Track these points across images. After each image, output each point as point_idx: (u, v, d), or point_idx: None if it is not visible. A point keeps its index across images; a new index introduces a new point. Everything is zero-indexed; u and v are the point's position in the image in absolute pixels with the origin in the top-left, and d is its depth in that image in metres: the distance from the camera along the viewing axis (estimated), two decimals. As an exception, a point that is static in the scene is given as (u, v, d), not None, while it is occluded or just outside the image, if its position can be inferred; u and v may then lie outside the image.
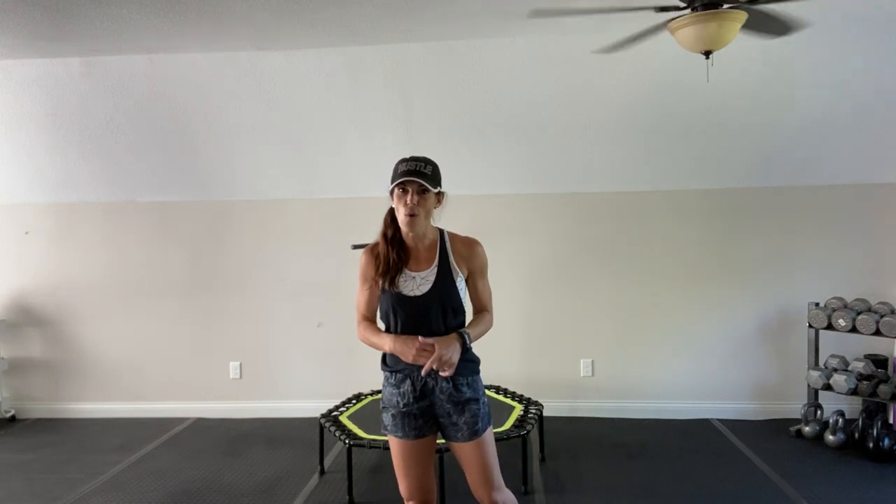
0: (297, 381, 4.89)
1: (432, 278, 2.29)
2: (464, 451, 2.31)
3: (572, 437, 4.34)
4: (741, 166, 4.44)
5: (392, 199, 2.28)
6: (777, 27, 3.30)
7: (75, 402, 4.99)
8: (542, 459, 3.96)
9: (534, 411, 3.76)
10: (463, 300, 2.35)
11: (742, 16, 2.86)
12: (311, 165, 4.59)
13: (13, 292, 4.99)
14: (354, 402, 4.03)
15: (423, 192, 2.23)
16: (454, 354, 2.20)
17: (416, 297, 2.27)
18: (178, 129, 4.38)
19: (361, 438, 3.44)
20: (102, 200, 4.87)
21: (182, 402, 4.93)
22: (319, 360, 4.86)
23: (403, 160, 2.28)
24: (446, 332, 2.27)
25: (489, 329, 2.39)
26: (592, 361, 4.74)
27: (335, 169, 4.61)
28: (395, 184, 2.24)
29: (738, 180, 4.53)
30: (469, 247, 2.36)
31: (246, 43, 3.77)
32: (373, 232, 4.86)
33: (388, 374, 2.37)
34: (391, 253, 2.28)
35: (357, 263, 2.38)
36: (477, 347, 2.40)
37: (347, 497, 3.48)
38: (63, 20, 3.29)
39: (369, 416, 3.77)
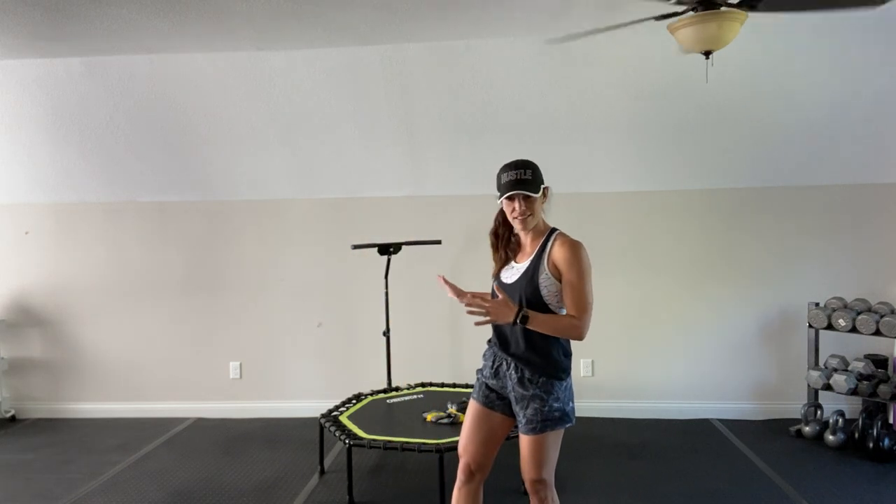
0: (297, 381, 4.89)
1: (523, 270, 2.41)
2: (521, 439, 2.43)
3: (572, 437, 4.33)
4: (741, 166, 4.44)
5: (502, 204, 2.45)
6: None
7: (75, 402, 4.99)
8: (542, 459, 3.95)
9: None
10: (546, 297, 2.36)
11: (742, 16, 2.86)
12: (311, 165, 4.60)
13: (13, 292, 4.99)
14: (354, 402, 4.02)
15: (528, 197, 2.37)
16: (497, 314, 2.28)
17: (507, 284, 2.44)
18: (179, 129, 4.38)
19: (361, 438, 3.43)
20: (102, 200, 4.87)
21: (182, 402, 4.93)
22: (319, 360, 4.86)
23: (505, 169, 2.41)
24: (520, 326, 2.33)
25: (566, 333, 2.34)
26: (592, 361, 4.74)
27: (335, 169, 4.61)
28: (501, 196, 2.40)
29: (738, 180, 4.53)
30: (564, 248, 2.36)
31: (246, 43, 3.77)
32: (372, 231, 4.86)
33: (488, 345, 2.55)
34: (500, 251, 2.52)
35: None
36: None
37: (347, 497, 3.48)
38: (63, 20, 3.30)
39: (369, 416, 3.77)
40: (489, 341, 2.56)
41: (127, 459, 4.13)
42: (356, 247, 4.14)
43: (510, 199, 2.39)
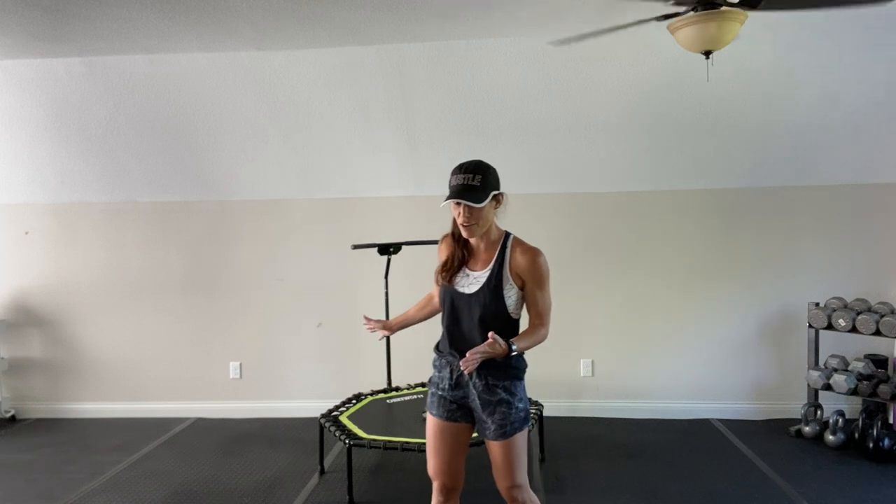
0: (297, 381, 4.89)
1: (483, 280, 2.34)
2: (491, 448, 2.38)
3: (572, 437, 4.34)
4: (741, 166, 4.44)
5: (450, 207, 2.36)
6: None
7: (75, 402, 4.99)
8: (542, 459, 3.96)
9: (534, 411, 3.76)
10: (511, 308, 2.34)
11: (742, 15, 2.86)
12: (311, 165, 4.60)
13: (13, 292, 4.99)
14: (354, 402, 4.03)
15: (472, 207, 2.26)
16: (489, 356, 2.19)
17: (464, 294, 2.36)
18: (178, 129, 4.38)
19: (361, 438, 3.44)
20: (102, 200, 4.87)
21: (182, 402, 4.93)
22: (319, 360, 4.86)
23: (456, 171, 2.32)
24: (482, 334, 2.27)
25: (539, 342, 2.36)
26: (592, 361, 4.74)
27: (335, 169, 4.61)
28: (447, 200, 2.28)
29: (738, 180, 4.53)
30: (527, 256, 2.34)
31: (246, 43, 3.77)
32: (372, 231, 4.84)
33: (436, 356, 2.47)
34: (458, 251, 2.41)
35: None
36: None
37: (347, 497, 3.48)
38: (63, 20, 3.29)
39: (369, 416, 3.77)
40: (438, 350, 2.47)
41: (127, 459, 4.13)
42: (356, 247, 4.14)
43: (457, 202, 2.29)
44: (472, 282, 2.36)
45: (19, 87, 4.16)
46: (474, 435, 2.47)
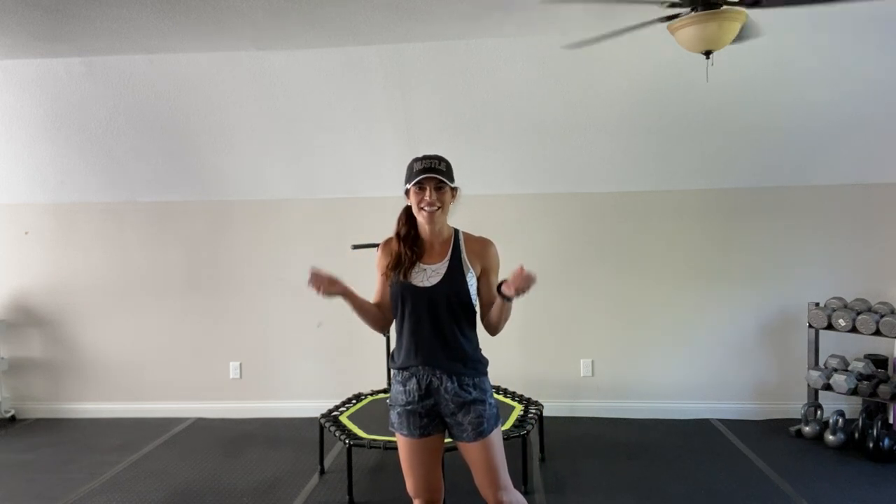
0: (297, 381, 4.89)
1: (443, 271, 2.32)
2: (469, 451, 2.32)
3: (572, 437, 4.34)
4: (741, 166, 4.44)
5: (408, 197, 2.35)
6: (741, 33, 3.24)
7: (75, 402, 4.99)
8: (542, 459, 3.96)
9: (534, 411, 3.76)
10: (473, 296, 2.35)
11: (742, 15, 2.86)
12: (311, 165, 4.60)
13: (13, 292, 4.99)
14: (354, 402, 4.03)
15: (440, 188, 2.30)
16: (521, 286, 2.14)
17: (424, 288, 2.31)
18: (179, 129, 4.38)
19: (361, 438, 3.44)
20: (102, 200, 4.87)
21: (182, 402, 4.93)
22: (319, 360, 4.86)
23: (417, 159, 2.34)
24: (454, 324, 2.29)
25: (508, 319, 2.34)
26: (592, 361, 4.74)
27: (335, 169, 4.61)
28: (412, 182, 2.30)
29: (738, 180, 4.53)
30: (483, 245, 2.40)
31: (246, 43, 3.77)
32: (372, 231, 4.85)
33: (395, 371, 2.40)
34: (404, 249, 2.34)
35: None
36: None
37: (347, 497, 3.48)
38: (63, 20, 3.30)
39: (369, 416, 3.77)
40: (396, 365, 2.37)
41: (127, 459, 4.13)
42: (356, 247, 4.13)
43: (421, 187, 2.29)
44: (430, 274, 2.32)
45: (19, 87, 4.16)
46: (448, 440, 2.41)
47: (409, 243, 2.35)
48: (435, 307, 2.30)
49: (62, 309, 4.97)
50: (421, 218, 2.32)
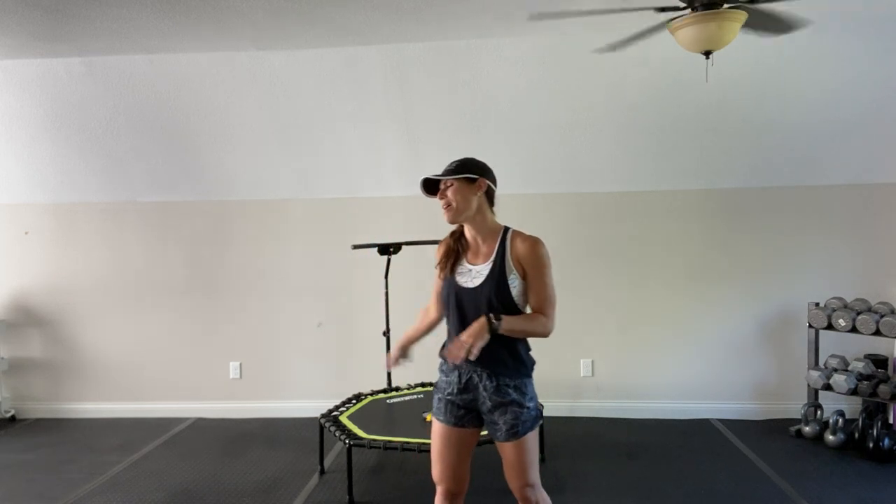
0: (297, 381, 4.89)
1: (486, 272, 2.33)
2: (502, 448, 2.35)
3: (572, 437, 4.34)
4: (741, 166, 4.44)
5: None
6: (778, 26, 3.30)
7: (75, 402, 4.99)
8: (542, 459, 3.95)
9: (534, 411, 3.76)
10: (516, 298, 2.32)
11: (742, 16, 2.86)
12: (311, 165, 4.60)
13: (13, 292, 4.99)
14: (354, 402, 4.03)
15: (450, 186, 2.32)
16: (476, 338, 2.16)
17: (468, 289, 2.34)
18: (179, 129, 4.38)
19: (361, 438, 3.43)
20: (102, 200, 4.87)
21: (182, 402, 4.93)
22: (319, 360, 4.86)
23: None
24: None
25: (538, 331, 2.30)
26: (592, 361, 4.74)
27: (335, 169, 4.61)
28: (430, 195, 2.38)
29: (738, 180, 4.53)
30: (527, 245, 2.34)
31: (246, 43, 3.77)
32: (372, 231, 4.84)
33: (442, 360, 2.42)
34: (453, 242, 2.43)
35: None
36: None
37: (347, 497, 3.48)
38: (63, 20, 3.30)
39: (369, 416, 3.77)
40: (442, 354, 2.40)
41: (127, 459, 4.13)
42: (356, 247, 4.14)
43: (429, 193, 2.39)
44: (475, 276, 2.34)
45: (19, 87, 4.16)
46: (484, 432, 2.45)
47: (455, 237, 2.44)
48: (478, 308, 2.30)
49: (62, 309, 4.97)
50: (445, 217, 2.38)
